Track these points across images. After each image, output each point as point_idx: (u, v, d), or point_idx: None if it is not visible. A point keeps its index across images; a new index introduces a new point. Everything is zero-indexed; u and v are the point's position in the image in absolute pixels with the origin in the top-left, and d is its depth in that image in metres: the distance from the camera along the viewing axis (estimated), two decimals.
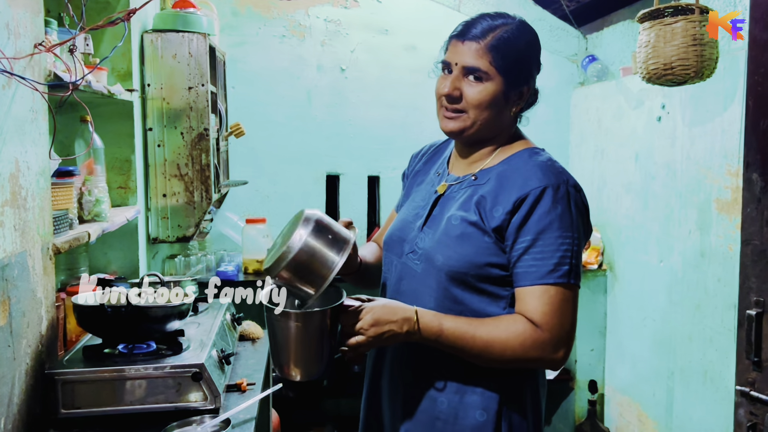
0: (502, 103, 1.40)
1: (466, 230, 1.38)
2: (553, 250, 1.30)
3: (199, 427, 1.51)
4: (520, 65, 1.40)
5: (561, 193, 1.32)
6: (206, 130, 2.64)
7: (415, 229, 1.49)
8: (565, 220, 1.31)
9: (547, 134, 3.75)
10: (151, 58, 2.58)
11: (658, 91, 2.86)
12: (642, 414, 3.06)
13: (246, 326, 2.28)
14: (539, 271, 1.30)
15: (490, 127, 1.42)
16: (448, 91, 1.39)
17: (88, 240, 1.77)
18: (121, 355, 1.63)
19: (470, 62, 1.37)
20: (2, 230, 1.29)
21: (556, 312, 1.30)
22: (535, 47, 1.44)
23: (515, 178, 1.37)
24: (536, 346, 1.31)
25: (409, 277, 1.46)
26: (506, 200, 1.35)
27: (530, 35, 1.43)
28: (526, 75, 1.43)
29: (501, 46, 1.36)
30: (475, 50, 1.37)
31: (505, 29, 1.38)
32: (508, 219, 1.33)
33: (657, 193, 2.92)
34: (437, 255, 1.40)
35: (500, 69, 1.37)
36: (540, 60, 1.47)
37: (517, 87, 1.41)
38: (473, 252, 1.36)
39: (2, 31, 1.29)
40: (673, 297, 2.81)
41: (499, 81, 1.37)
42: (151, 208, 2.65)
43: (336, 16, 3.50)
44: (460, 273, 1.37)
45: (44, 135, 1.55)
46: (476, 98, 1.38)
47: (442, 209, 1.46)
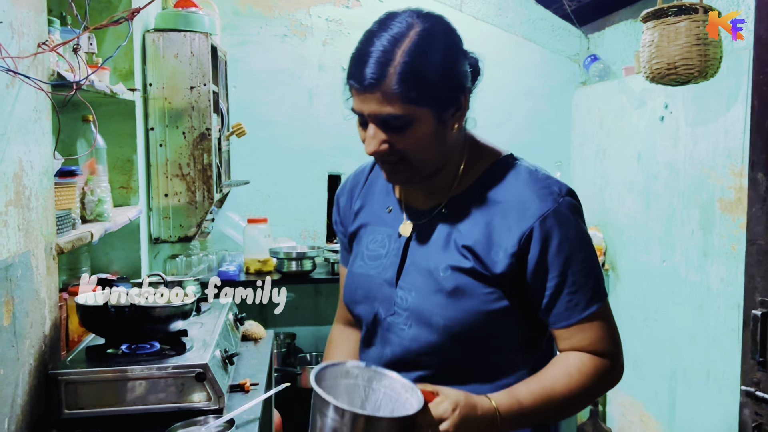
0: (441, 131, 1.14)
1: (461, 282, 1.16)
2: (584, 276, 1.15)
3: (203, 428, 1.50)
4: (444, 81, 1.10)
5: (564, 213, 1.14)
6: (208, 129, 2.64)
7: (384, 285, 1.24)
8: (581, 240, 1.16)
9: (549, 134, 3.75)
10: (153, 57, 2.57)
11: (660, 90, 2.86)
12: (644, 414, 3.06)
13: (248, 326, 2.27)
14: (581, 303, 1.15)
15: (440, 159, 1.18)
16: (374, 149, 1.11)
17: (91, 240, 1.76)
18: (124, 355, 1.62)
19: (382, 112, 1.08)
20: (6, 230, 1.29)
21: (609, 333, 1.18)
22: (453, 42, 1.14)
23: (504, 209, 1.16)
24: (611, 375, 1.20)
25: (396, 344, 1.22)
26: (506, 239, 1.14)
27: (440, 36, 1.11)
28: (457, 84, 1.13)
29: (409, 75, 1.06)
30: (381, 97, 1.06)
31: (405, 51, 1.06)
32: (514, 262, 1.14)
33: (659, 192, 2.92)
34: (433, 317, 1.17)
35: (421, 102, 1.08)
36: (464, 50, 1.17)
37: (451, 104, 1.13)
38: (477, 304, 1.16)
39: (6, 31, 1.28)
40: (675, 297, 2.81)
41: (426, 114, 1.09)
42: (153, 208, 2.65)
43: (337, 16, 3.50)
44: (467, 331, 1.16)
45: (47, 134, 1.54)
46: (409, 146, 1.11)
47: (417, 257, 1.22)
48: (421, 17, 1.11)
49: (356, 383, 1.09)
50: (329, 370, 1.07)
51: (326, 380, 1.06)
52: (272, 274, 3.18)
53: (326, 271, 3.31)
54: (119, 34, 2.24)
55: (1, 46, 1.23)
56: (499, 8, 3.67)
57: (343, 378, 1.09)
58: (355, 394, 1.09)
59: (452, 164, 1.22)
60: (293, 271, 3.17)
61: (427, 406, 1.03)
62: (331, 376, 1.08)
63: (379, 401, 1.09)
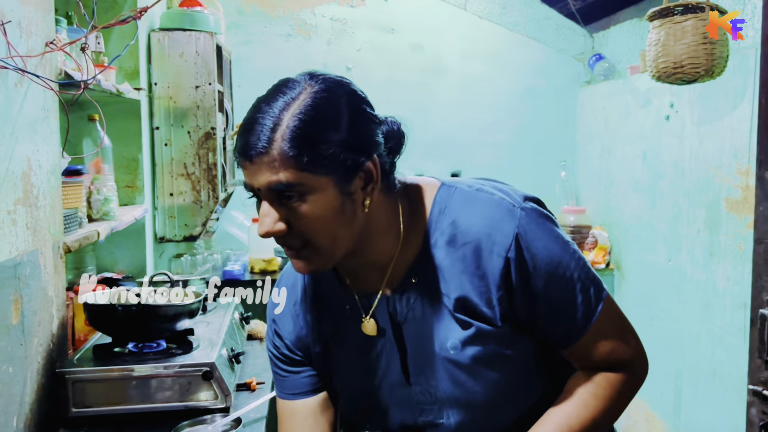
0: (348, 205, 0.97)
1: (476, 351, 1.04)
2: (572, 288, 1.03)
3: (210, 426, 1.51)
4: (343, 145, 0.93)
5: (528, 226, 1.01)
6: (213, 129, 2.64)
7: (395, 387, 1.11)
8: (556, 248, 1.02)
9: (554, 133, 3.75)
10: (158, 56, 2.57)
11: (666, 89, 2.85)
12: (650, 414, 3.05)
13: (254, 325, 2.27)
14: (578, 320, 1.04)
15: (352, 238, 1.00)
16: (267, 229, 0.95)
17: (98, 239, 1.76)
18: (131, 354, 1.63)
19: (272, 181, 0.92)
20: (15, 228, 1.29)
21: (618, 338, 1.08)
22: (354, 103, 0.98)
23: (471, 249, 1.02)
24: (631, 386, 1.10)
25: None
26: (490, 281, 1.01)
27: (337, 98, 0.96)
28: (361, 149, 0.96)
29: (300, 139, 0.91)
30: (268, 165, 0.92)
31: (294, 114, 0.92)
32: (506, 301, 1.02)
33: (665, 192, 2.91)
34: (472, 396, 1.07)
35: (317, 169, 0.92)
36: (372, 114, 1.00)
37: (354, 173, 0.96)
38: (505, 367, 1.06)
39: (14, 30, 1.28)
40: (681, 296, 2.80)
41: (325, 183, 0.93)
42: (158, 207, 2.65)
43: (342, 15, 3.50)
44: (505, 387, 1.07)
45: (55, 133, 1.55)
46: (307, 224, 0.95)
47: (414, 344, 1.08)
48: (316, 79, 0.97)
49: None
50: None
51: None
52: (277, 274, 3.18)
53: None
54: (125, 33, 2.24)
55: (10, 45, 1.23)
56: (504, 7, 3.66)
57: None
58: None
59: (386, 230, 1.05)
60: None
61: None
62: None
63: None
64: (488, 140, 3.67)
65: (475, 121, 3.67)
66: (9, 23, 1.24)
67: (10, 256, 1.27)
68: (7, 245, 1.26)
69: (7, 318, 1.26)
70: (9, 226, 1.27)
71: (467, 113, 3.66)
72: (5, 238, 1.25)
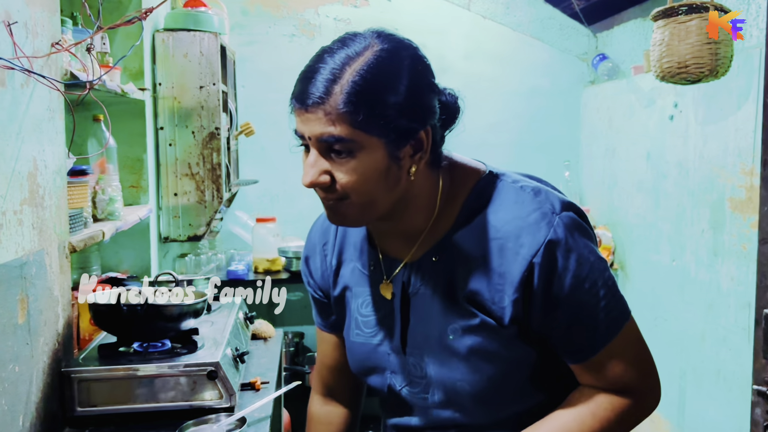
0: (394, 170, 0.98)
1: (475, 342, 1.04)
2: (595, 305, 1.01)
3: (215, 426, 1.51)
4: (400, 109, 0.94)
5: (562, 237, 1.00)
6: (217, 129, 2.64)
7: (392, 354, 1.13)
8: (586, 264, 1.00)
9: (557, 133, 3.74)
10: (163, 57, 2.58)
11: (670, 89, 2.85)
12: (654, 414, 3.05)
13: (258, 325, 2.28)
14: (595, 336, 1.02)
15: (390, 202, 1.01)
16: (312, 180, 0.97)
17: (103, 239, 1.77)
18: (136, 353, 1.63)
19: (324, 133, 0.94)
20: (21, 228, 1.29)
21: (632, 362, 1.05)
22: (417, 69, 0.99)
23: (497, 246, 1.01)
24: (636, 414, 1.06)
25: (421, 413, 1.14)
26: (507, 282, 1.01)
27: (401, 60, 0.97)
28: (416, 116, 0.97)
29: (359, 96, 0.92)
30: (324, 116, 0.93)
31: (356, 70, 0.93)
32: (520, 305, 1.01)
33: (669, 192, 2.91)
34: (459, 383, 1.07)
35: (370, 129, 0.93)
36: (433, 83, 1.02)
37: (407, 139, 0.97)
38: (502, 366, 1.05)
39: (21, 30, 1.29)
40: (685, 296, 2.80)
41: (376, 144, 0.95)
42: (163, 207, 2.65)
43: (346, 15, 3.50)
44: (496, 387, 1.07)
45: (61, 134, 1.55)
46: (351, 180, 0.96)
47: (419, 317, 1.09)
48: (383, 38, 0.97)
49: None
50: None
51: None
52: (281, 274, 3.19)
53: None
54: (129, 33, 2.25)
55: (16, 46, 1.23)
56: (507, 7, 3.66)
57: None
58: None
59: (423, 202, 1.06)
60: None
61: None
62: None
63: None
64: (491, 140, 3.67)
65: (478, 121, 3.67)
66: (15, 24, 1.24)
67: (16, 255, 1.28)
68: (14, 245, 1.27)
69: (13, 317, 1.26)
70: (15, 226, 1.28)
71: (470, 113, 3.64)
72: (11, 237, 1.26)
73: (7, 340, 1.24)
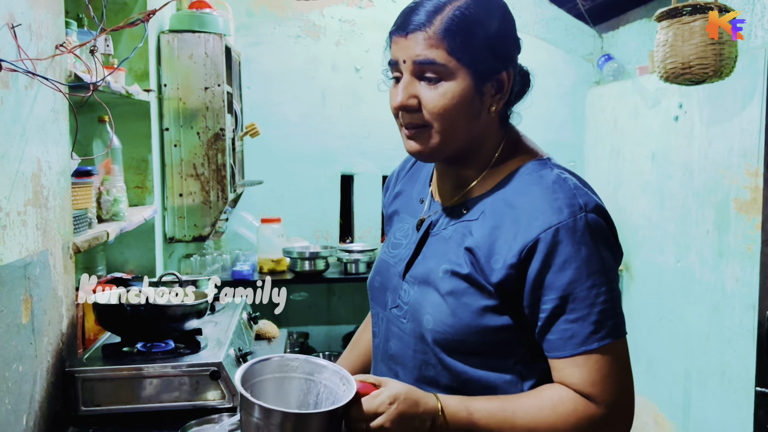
0: (477, 103, 1.06)
1: (457, 287, 1.08)
2: (589, 305, 1.01)
3: (217, 426, 1.51)
4: (489, 46, 1.04)
5: (580, 229, 1.01)
6: (222, 130, 2.65)
7: (396, 275, 1.20)
8: (594, 264, 1.01)
9: (563, 134, 3.74)
10: (168, 58, 2.60)
11: (675, 90, 2.84)
12: (659, 415, 3.04)
13: (262, 325, 2.29)
14: (578, 336, 1.01)
15: (466, 137, 1.09)
16: (401, 100, 1.05)
17: (107, 239, 1.78)
18: (139, 353, 1.64)
19: (421, 55, 1.03)
20: (25, 229, 1.31)
21: (608, 378, 1.02)
22: (507, 19, 1.09)
23: (515, 215, 1.05)
24: (594, 424, 1.02)
25: (397, 338, 1.18)
26: (507, 248, 1.04)
27: (495, 6, 1.08)
28: (502, 57, 1.07)
29: (457, 26, 1.02)
30: (424, 40, 1.03)
31: (457, 6, 1.03)
32: (513, 274, 1.03)
33: (674, 192, 2.90)
34: (425, 315, 1.11)
35: (463, 58, 1.03)
36: (517, 35, 1.12)
37: (491, 76, 1.06)
38: (469, 315, 1.07)
39: (25, 33, 1.30)
40: (690, 297, 2.79)
41: (465, 74, 1.04)
42: (168, 208, 2.67)
43: (350, 16, 3.51)
44: (455, 341, 1.08)
45: (65, 135, 1.56)
46: (439, 104, 1.04)
47: (428, 253, 1.16)
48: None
49: (297, 376, 1.06)
50: (257, 366, 1.03)
51: (264, 375, 1.04)
52: (286, 274, 3.20)
53: (339, 270, 3.32)
54: (134, 35, 2.26)
55: (20, 48, 1.24)
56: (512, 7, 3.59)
57: (284, 372, 1.06)
58: (297, 388, 1.06)
59: (483, 155, 1.13)
60: (306, 270, 3.19)
61: (359, 399, 0.98)
62: (268, 371, 1.04)
63: (320, 394, 1.06)
64: None
65: None
66: (19, 26, 1.26)
67: (20, 256, 1.29)
68: (17, 245, 1.28)
69: (17, 317, 1.27)
70: (19, 227, 1.29)
71: None
72: (15, 238, 1.27)
73: (11, 340, 1.25)
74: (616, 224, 1.11)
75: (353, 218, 3.65)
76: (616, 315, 1.03)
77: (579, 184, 1.08)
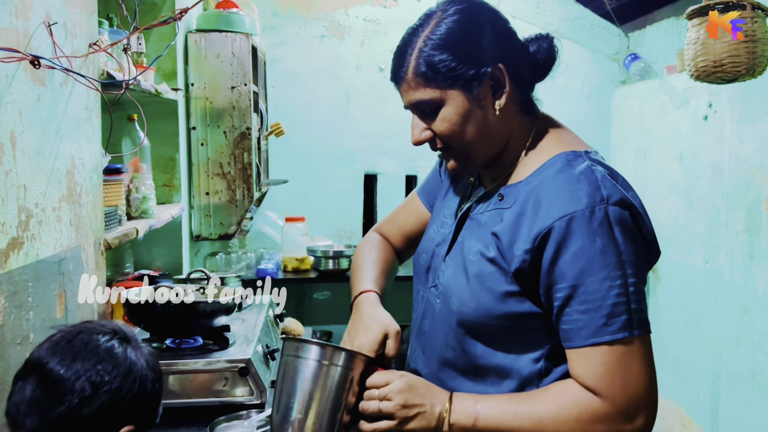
0: (478, 111, 1.11)
1: (484, 269, 1.11)
2: (601, 297, 1.00)
3: (245, 422, 1.52)
4: (463, 57, 1.08)
5: (598, 219, 1.01)
6: (248, 129, 2.67)
7: (439, 256, 1.23)
8: (609, 256, 1.01)
9: (588, 133, 3.68)
10: (195, 57, 2.61)
11: (704, 89, 2.80)
12: (686, 419, 3.01)
13: (287, 323, 2.29)
14: (588, 327, 1.01)
15: (485, 142, 1.14)
16: (415, 138, 1.16)
17: (136, 236, 1.80)
18: (168, 349, 1.65)
19: (411, 99, 1.13)
20: (59, 225, 1.32)
21: (616, 372, 1.01)
22: (473, 23, 1.11)
23: (537, 203, 1.07)
24: (597, 418, 1.02)
25: (430, 317, 1.22)
26: (525, 234, 1.06)
27: (464, 16, 1.10)
28: (484, 58, 1.09)
29: (424, 62, 1.09)
30: (408, 88, 1.12)
31: (423, 39, 1.10)
32: (529, 260, 1.05)
33: (702, 193, 2.87)
34: (453, 296, 1.15)
35: (442, 84, 1.09)
36: (499, 25, 1.13)
37: (479, 81, 1.09)
38: (491, 299, 1.10)
39: (60, 31, 1.31)
40: (719, 299, 2.75)
41: (453, 94, 1.09)
42: (194, 206, 2.69)
43: (375, 16, 3.51)
44: (476, 323, 1.12)
45: (97, 132, 1.58)
46: (444, 129, 1.12)
47: (466, 236, 1.19)
48: (451, 4, 1.12)
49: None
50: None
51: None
52: (309, 273, 3.21)
53: None
54: (162, 34, 2.28)
55: (56, 46, 1.26)
56: (538, 7, 3.64)
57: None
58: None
59: (512, 147, 1.17)
60: (330, 269, 3.19)
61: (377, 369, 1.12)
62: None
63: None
64: None
65: None
66: (55, 24, 1.27)
67: (54, 251, 1.30)
68: (52, 241, 1.30)
69: (52, 312, 1.29)
70: (54, 223, 1.30)
71: None
72: (50, 234, 1.28)
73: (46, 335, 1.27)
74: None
75: (376, 218, 3.65)
76: (632, 310, 1.01)
77: (608, 177, 1.08)
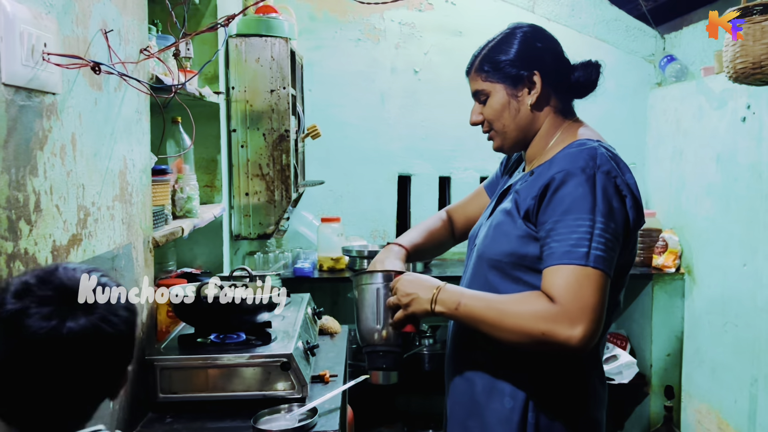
0: (514, 103, 1.46)
1: (502, 219, 1.42)
2: (569, 232, 1.27)
3: (287, 415, 1.57)
4: (511, 62, 1.44)
5: (585, 175, 1.30)
6: (287, 131, 2.73)
7: (482, 222, 1.56)
8: (584, 204, 1.28)
9: (624, 135, 3.68)
10: (236, 61, 2.68)
11: (742, 91, 2.78)
12: (722, 422, 2.98)
13: (325, 321, 2.34)
14: (556, 253, 1.28)
15: (518, 128, 1.48)
16: (472, 120, 1.52)
17: (182, 234, 1.86)
18: (213, 344, 1.71)
19: (472, 89, 1.51)
20: (113, 223, 1.38)
21: (572, 286, 1.25)
22: (529, 38, 1.47)
23: (548, 167, 1.37)
24: (548, 318, 1.25)
25: (470, 268, 1.53)
26: (535, 187, 1.36)
27: (519, 33, 1.47)
28: (525, 64, 1.44)
29: (485, 60, 1.47)
30: (471, 79, 1.51)
31: (490, 45, 1.48)
32: (534, 205, 1.34)
33: (740, 195, 2.84)
34: (481, 245, 1.47)
35: (492, 78, 1.46)
36: (547, 43, 1.49)
37: (519, 81, 1.45)
38: (506, 241, 1.40)
39: (115, 38, 1.38)
40: (757, 301, 2.73)
41: (499, 88, 1.46)
42: (234, 206, 2.75)
43: (410, 19, 3.54)
44: (495, 260, 1.42)
45: (147, 134, 1.65)
46: (489, 113, 1.48)
47: (497, 209, 1.50)
48: (519, 27, 1.49)
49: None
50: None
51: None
52: (344, 272, 3.25)
53: None
54: (204, 39, 2.35)
55: (112, 51, 1.32)
56: (572, 9, 3.64)
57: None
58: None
59: (542, 139, 1.48)
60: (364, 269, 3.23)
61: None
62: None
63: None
64: None
65: None
66: (111, 32, 1.34)
67: (108, 248, 1.37)
68: (106, 238, 1.36)
69: None
70: (108, 221, 1.37)
71: None
72: (105, 231, 1.35)
73: None
74: (678, 227, 1.17)
75: (409, 218, 3.68)
76: (591, 247, 1.26)
77: (608, 158, 1.35)
